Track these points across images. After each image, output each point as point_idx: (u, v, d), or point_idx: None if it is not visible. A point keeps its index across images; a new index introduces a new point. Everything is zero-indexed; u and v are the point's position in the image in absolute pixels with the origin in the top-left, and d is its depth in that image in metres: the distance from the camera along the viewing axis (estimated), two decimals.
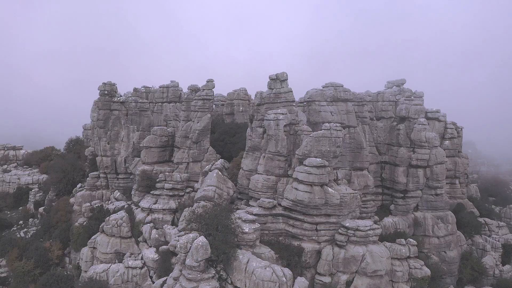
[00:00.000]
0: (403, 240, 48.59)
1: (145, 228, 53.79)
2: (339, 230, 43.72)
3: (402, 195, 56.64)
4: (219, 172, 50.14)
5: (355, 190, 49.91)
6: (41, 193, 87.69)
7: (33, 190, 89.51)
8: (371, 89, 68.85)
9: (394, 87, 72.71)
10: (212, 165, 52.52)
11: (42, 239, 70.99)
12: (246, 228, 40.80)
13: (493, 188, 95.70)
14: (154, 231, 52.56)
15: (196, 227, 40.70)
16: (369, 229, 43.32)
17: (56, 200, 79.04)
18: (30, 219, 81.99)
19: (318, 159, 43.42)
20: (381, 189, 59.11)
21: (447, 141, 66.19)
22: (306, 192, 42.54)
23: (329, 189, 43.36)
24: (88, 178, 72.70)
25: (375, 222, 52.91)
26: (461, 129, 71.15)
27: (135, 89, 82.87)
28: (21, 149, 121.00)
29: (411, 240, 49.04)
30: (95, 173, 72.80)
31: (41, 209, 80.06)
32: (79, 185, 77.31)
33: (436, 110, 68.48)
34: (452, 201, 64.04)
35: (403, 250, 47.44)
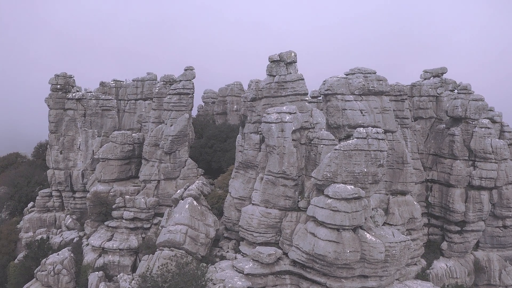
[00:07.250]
0: None
1: (92, 279, 37.34)
2: None
3: (459, 228, 39.88)
4: (194, 202, 33.43)
5: (397, 225, 33.59)
6: None
7: None
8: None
9: (433, 77, 56.29)
10: (185, 189, 35.74)
11: None
12: None
13: None
14: (102, 285, 36.14)
15: None
16: None
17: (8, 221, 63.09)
18: None
19: (349, 187, 26.87)
20: (426, 219, 42.41)
21: None
22: (330, 241, 26.01)
23: (367, 235, 26.84)
24: (37, 197, 56.67)
25: (423, 271, 36.51)
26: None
27: (102, 84, 66.50)
28: None
29: None
30: (46, 190, 56.77)
31: None
32: (30, 204, 61.13)
33: (490, 108, 52.02)
34: None
35: None
